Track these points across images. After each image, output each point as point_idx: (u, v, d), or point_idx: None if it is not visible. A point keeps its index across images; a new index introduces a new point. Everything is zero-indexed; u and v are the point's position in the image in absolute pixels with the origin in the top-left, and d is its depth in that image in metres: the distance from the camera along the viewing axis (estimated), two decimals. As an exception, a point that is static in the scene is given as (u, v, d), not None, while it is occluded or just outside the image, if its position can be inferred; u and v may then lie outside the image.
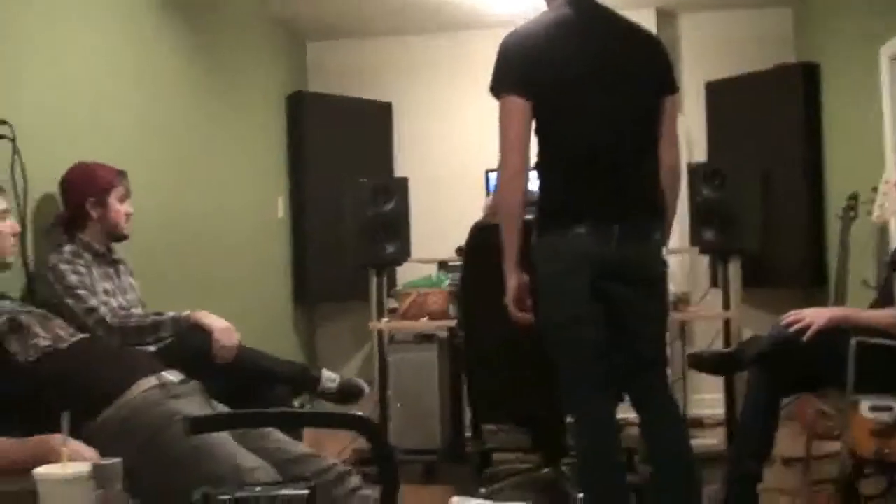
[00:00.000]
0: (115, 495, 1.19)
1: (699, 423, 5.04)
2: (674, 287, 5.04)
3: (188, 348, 2.85)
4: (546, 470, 3.74)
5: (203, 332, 2.94)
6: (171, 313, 3.00)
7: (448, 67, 6.03)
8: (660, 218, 2.80)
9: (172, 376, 2.40)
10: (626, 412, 2.93)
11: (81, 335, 2.51)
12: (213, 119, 4.59)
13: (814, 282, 5.17)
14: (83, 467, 1.48)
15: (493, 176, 5.00)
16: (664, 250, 2.86)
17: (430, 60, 6.11)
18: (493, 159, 2.72)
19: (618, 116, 2.70)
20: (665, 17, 5.83)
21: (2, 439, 2.20)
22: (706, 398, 5.36)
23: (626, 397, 2.87)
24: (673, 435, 2.77)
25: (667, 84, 2.81)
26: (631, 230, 2.68)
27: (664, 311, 2.90)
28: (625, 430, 3.55)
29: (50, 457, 1.84)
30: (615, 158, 2.69)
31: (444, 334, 4.44)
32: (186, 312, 3.00)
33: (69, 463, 1.63)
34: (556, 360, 2.70)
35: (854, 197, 3.90)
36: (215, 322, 2.98)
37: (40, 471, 1.59)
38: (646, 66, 2.78)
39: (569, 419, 2.86)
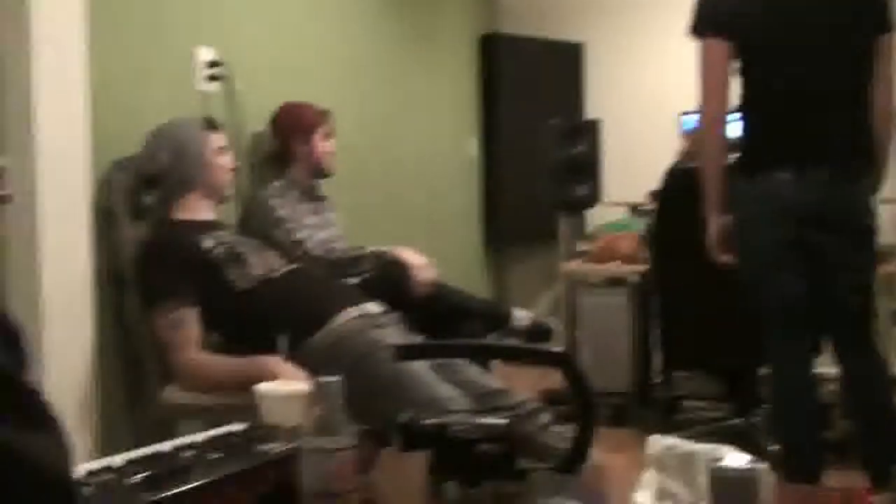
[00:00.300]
0: (334, 412, 1.27)
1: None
2: (885, 239, 4.75)
3: (388, 282, 2.97)
4: (738, 420, 3.68)
5: (402, 268, 3.05)
6: (372, 248, 3.13)
7: (643, 7, 5.87)
8: (869, 164, 2.66)
9: (374, 307, 2.53)
10: (825, 366, 2.83)
11: (292, 265, 2.67)
12: (409, 60, 4.70)
13: None
14: (302, 385, 1.59)
15: (686, 119, 4.86)
16: (873, 198, 2.72)
17: (623, 0, 5.97)
18: (688, 102, 2.67)
19: (826, 56, 2.57)
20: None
21: (223, 358, 2.40)
22: (913, 355, 5.06)
23: (826, 350, 2.77)
24: (876, 390, 2.66)
25: (882, 22, 2.64)
26: (837, 176, 2.57)
27: (871, 261, 2.76)
28: (824, 385, 3.43)
29: (264, 376, 1.99)
30: (822, 101, 2.58)
31: (636, 279, 4.39)
32: (386, 248, 3.13)
33: (285, 382, 1.76)
34: (753, 309, 2.64)
35: None
36: (413, 258, 3.09)
37: (262, 387, 1.73)
38: (859, 2, 2.62)
39: (763, 369, 2.79)
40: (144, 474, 1.19)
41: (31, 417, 0.68)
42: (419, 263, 3.07)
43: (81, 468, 1.21)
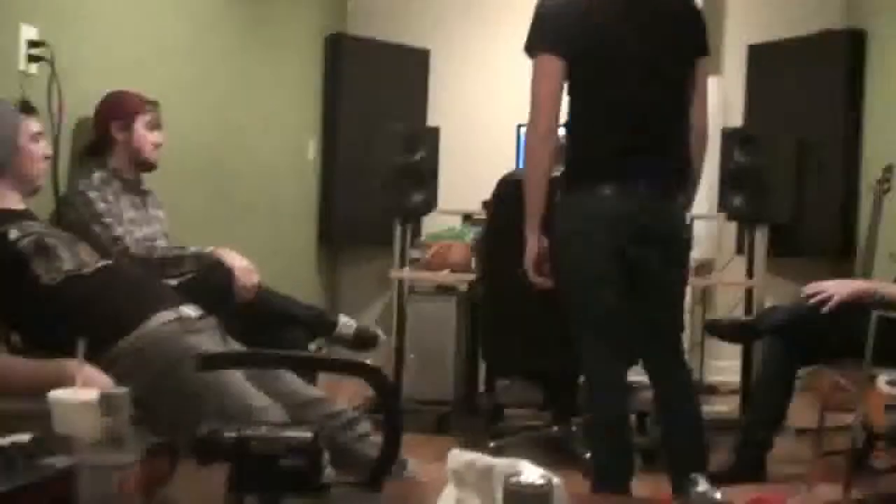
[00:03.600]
0: (120, 424, 1.20)
1: (714, 390, 5.03)
2: (698, 253, 5.01)
3: (209, 285, 2.88)
4: (556, 428, 3.76)
5: (224, 270, 2.97)
6: (195, 248, 3.03)
7: (488, 18, 5.95)
8: (686, 181, 2.78)
9: (191, 311, 2.43)
10: (639, 375, 2.94)
11: (105, 261, 2.54)
12: (251, 56, 4.59)
13: (841, 253, 5.11)
14: (93, 394, 1.51)
15: (524, 131, 4.96)
16: (688, 215, 2.84)
17: (471, 9, 6.03)
18: (526, 114, 2.70)
19: (650, 78, 2.67)
20: (712, -24, 5.71)
21: (22, 360, 2.25)
22: (723, 365, 5.33)
23: (640, 360, 2.87)
24: (683, 400, 2.77)
25: (701, 46, 2.78)
26: (657, 192, 2.66)
27: (684, 276, 2.89)
28: (637, 393, 3.56)
29: (64, 380, 1.87)
30: (646, 119, 2.67)
31: (465, 287, 4.45)
32: (209, 249, 3.03)
33: (82, 388, 1.66)
34: (573, 319, 2.71)
35: (889, 169, 3.85)
36: (237, 260, 3.01)
37: (54, 394, 1.63)
38: (681, 27, 2.74)
39: (581, 378, 2.87)
40: None
41: None
42: (243, 266, 2.99)
43: None
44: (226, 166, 4.31)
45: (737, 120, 5.59)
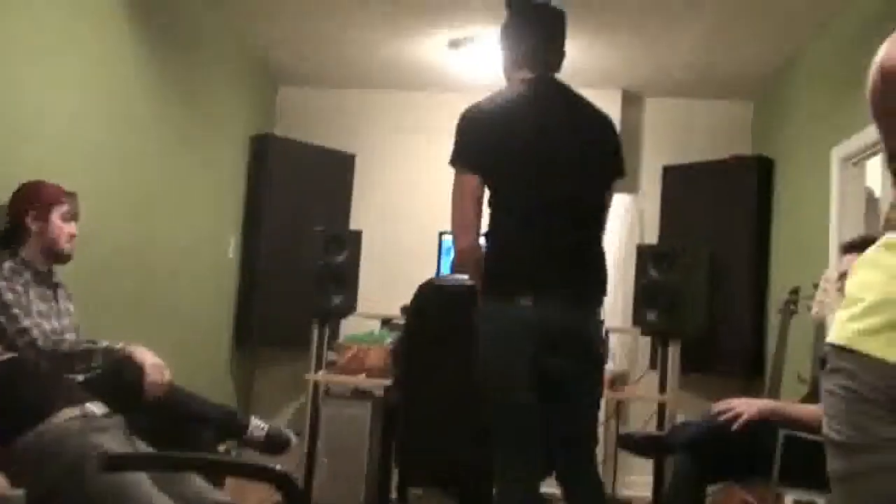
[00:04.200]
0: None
1: (627, 504, 5.04)
2: (613, 366, 5.09)
3: (117, 381, 2.81)
4: (469, 538, 3.70)
5: (134, 367, 2.90)
6: (105, 343, 2.95)
7: (413, 126, 6.09)
8: (603, 294, 2.84)
9: (97, 408, 2.36)
10: (552, 487, 2.93)
11: (10, 354, 2.47)
12: (176, 152, 4.58)
13: (752, 372, 5.23)
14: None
15: (446, 238, 5.02)
16: (603, 328, 2.89)
17: (397, 117, 6.17)
18: (448, 222, 2.74)
19: (569, 195, 2.74)
20: (630, 98, 5.97)
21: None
22: (635, 479, 5.36)
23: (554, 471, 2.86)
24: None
25: (617, 168, 2.88)
26: (575, 305, 2.71)
27: (599, 388, 2.92)
28: (551, 504, 3.54)
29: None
30: (565, 235, 2.73)
31: (381, 392, 4.41)
32: (120, 344, 2.96)
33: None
34: (487, 428, 2.70)
35: (796, 291, 3.98)
36: (148, 357, 2.94)
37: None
38: (599, 148, 2.84)
39: (494, 490, 2.84)
40: None
41: None
42: (154, 363, 2.93)
43: None
44: (144, 261, 4.24)
45: (652, 237, 5.77)
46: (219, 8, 4.79)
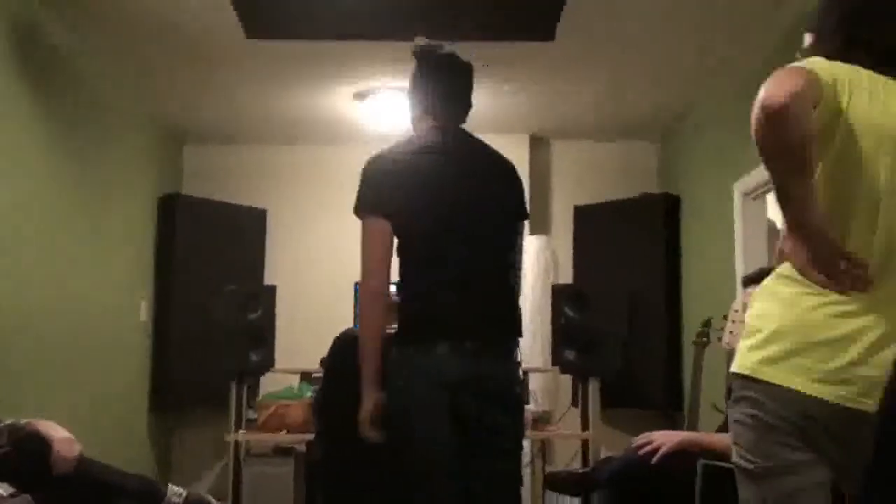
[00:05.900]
0: None
1: (557, 544, 5.03)
2: (535, 406, 5.11)
3: (23, 459, 2.70)
4: None
5: (41, 442, 2.79)
6: (9, 421, 2.84)
7: (322, 179, 6.08)
8: (518, 337, 2.85)
9: (2, 489, 2.27)
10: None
11: None
12: (81, 214, 4.47)
13: (671, 404, 5.32)
14: None
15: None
16: (521, 369, 2.90)
17: (306, 171, 6.16)
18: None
19: (478, 240, 2.76)
20: (538, 142, 6.08)
21: None
22: (564, 518, 5.36)
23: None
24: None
25: (521, 211, 2.93)
26: (491, 349, 2.72)
27: (520, 430, 2.92)
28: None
29: None
30: (476, 279, 2.75)
31: (304, 448, 4.34)
32: (25, 420, 2.86)
33: None
34: (407, 475, 2.67)
35: (707, 323, 4.06)
36: (56, 431, 2.84)
37: None
38: (504, 192, 2.88)
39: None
40: None
41: None
42: (62, 437, 2.83)
43: None
44: (50, 327, 4.10)
45: (567, 276, 5.84)
46: (121, 76, 4.72)
